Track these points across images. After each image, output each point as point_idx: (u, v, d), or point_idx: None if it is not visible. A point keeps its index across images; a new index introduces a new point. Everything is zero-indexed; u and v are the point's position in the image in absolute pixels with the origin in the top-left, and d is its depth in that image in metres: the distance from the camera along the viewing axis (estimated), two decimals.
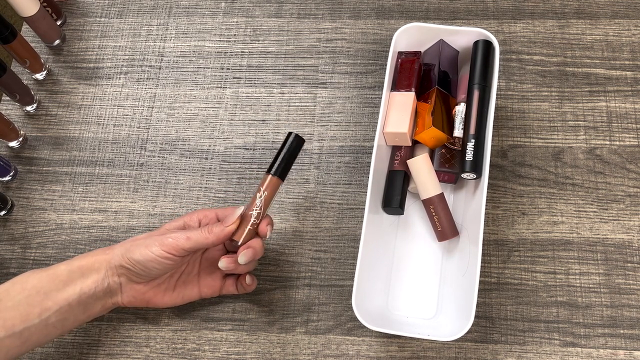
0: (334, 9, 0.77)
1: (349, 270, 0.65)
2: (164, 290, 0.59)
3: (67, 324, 0.55)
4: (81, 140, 0.73)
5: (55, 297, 0.54)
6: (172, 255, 0.55)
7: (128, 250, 0.55)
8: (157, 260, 0.55)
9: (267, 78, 0.74)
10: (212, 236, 0.55)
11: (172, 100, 0.74)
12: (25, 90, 0.73)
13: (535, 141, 0.69)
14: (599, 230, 0.65)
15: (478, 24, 0.74)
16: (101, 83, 0.76)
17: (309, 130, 0.71)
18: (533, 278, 0.64)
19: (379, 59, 0.74)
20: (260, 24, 0.77)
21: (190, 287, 0.61)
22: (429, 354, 0.61)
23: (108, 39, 0.78)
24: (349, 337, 0.63)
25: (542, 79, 0.71)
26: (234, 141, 0.72)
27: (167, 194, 0.70)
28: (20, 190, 0.71)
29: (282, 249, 0.66)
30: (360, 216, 0.67)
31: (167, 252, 0.54)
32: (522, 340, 0.61)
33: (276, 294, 0.65)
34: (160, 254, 0.54)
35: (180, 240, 0.54)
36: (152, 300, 0.59)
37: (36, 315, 0.53)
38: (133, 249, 0.55)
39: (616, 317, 0.62)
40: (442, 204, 0.62)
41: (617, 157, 0.68)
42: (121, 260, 0.56)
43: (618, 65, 0.71)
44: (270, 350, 0.63)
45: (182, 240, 0.54)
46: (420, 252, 0.64)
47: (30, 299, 0.53)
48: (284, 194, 0.69)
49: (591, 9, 0.74)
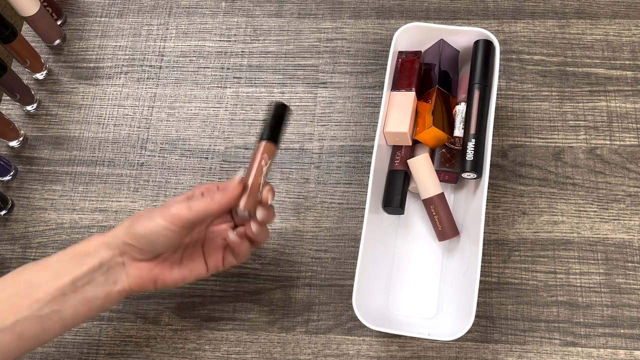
0: (334, 9, 0.77)
1: (349, 270, 0.65)
2: (171, 265, 0.56)
3: (65, 316, 0.53)
4: (81, 140, 0.73)
5: (46, 287, 0.52)
6: (176, 226, 0.53)
7: (131, 226, 0.54)
8: (161, 232, 0.53)
9: (267, 78, 0.74)
10: (214, 203, 0.53)
11: (172, 100, 0.74)
12: (25, 90, 0.73)
13: (536, 141, 0.69)
14: (599, 230, 0.65)
15: (478, 24, 0.74)
16: (101, 83, 0.76)
17: (309, 130, 0.71)
18: (533, 278, 0.64)
19: (379, 59, 0.74)
20: (260, 24, 0.77)
21: (197, 261, 0.58)
22: (429, 354, 0.61)
23: (108, 38, 0.78)
24: (349, 336, 0.63)
25: (542, 79, 0.71)
26: (234, 141, 0.72)
27: (167, 193, 0.70)
28: (20, 189, 0.71)
29: (282, 248, 0.66)
30: (361, 216, 0.67)
31: (170, 223, 0.52)
32: (523, 340, 0.61)
33: (276, 293, 0.65)
34: (163, 225, 0.52)
35: (183, 211, 0.53)
36: (160, 277, 0.56)
37: (25, 306, 0.51)
38: (136, 224, 0.53)
39: (616, 316, 0.62)
40: (442, 203, 0.62)
41: (617, 156, 0.68)
42: (124, 237, 0.54)
43: (618, 65, 0.71)
44: (270, 350, 0.63)
45: (185, 210, 0.53)
46: (421, 251, 0.64)
47: (20, 290, 0.52)
48: (284, 194, 0.69)
49: (591, 8, 0.74)
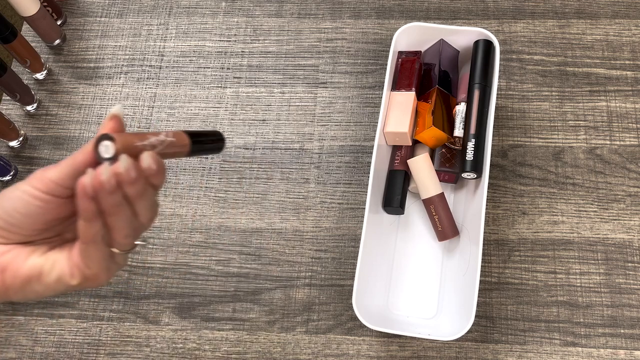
0: (334, 9, 0.77)
1: (349, 270, 0.65)
2: (30, 251, 0.42)
3: None
4: (82, 140, 0.73)
5: None
6: (41, 189, 0.41)
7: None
8: (25, 199, 0.41)
9: (267, 78, 0.74)
10: (80, 152, 0.41)
11: (172, 100, 0.74)
12: (25, 89, 0.73)
13: (536, 141, 0.69)
14: (599, 229, 0.65)
15: (478, 24, 0.74)
16: (101, 83, 0.76)
17: (309, 130, 0.71)
18: (533, 278, 0.64)
19: (379, 59, 0.74)
20: (260, 24, 0.77)
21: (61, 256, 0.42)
22: (429, 354, 0.61)
23: (108, 38, 0.78)
24: (349, 336, 0.63)
25: (542, 79, 0.71)
26: (234, 141, 0.72)
27: (167, 193, 0.70)
28: None
29: (282, 248, 0.66)
30: (361, 216, 0.67)
31: (33, 187, 0.41)
32: (523, 340, 0.61)
33: (276, 293, 0.65)
34: (27, 190, 0.41)
35: (49, 169, 0.41)
36: (11, 266, 0.42)
37: None
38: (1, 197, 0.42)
39: (617, 316, 0.62)
40: (442, 203, 0.62)
41: (617, 156, 0.68)
42: None
43: (618, 65, 0.71)
44: (270, 350, 0.63)
45: (51, 169, 0.41)
46: (421, 251, 0.64)
47: None
48: (284, 194, 0.69)
49: (591, 8, 0.74)
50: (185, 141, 0.44)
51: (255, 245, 0.67)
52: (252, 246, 0.67)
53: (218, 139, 0.49)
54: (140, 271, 0.67)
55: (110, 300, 0.66)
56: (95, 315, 0.65)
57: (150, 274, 0.66)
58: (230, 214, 0.68)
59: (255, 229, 0.67)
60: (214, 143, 0.49)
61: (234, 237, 0.67)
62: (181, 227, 0.68)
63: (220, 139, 0.49)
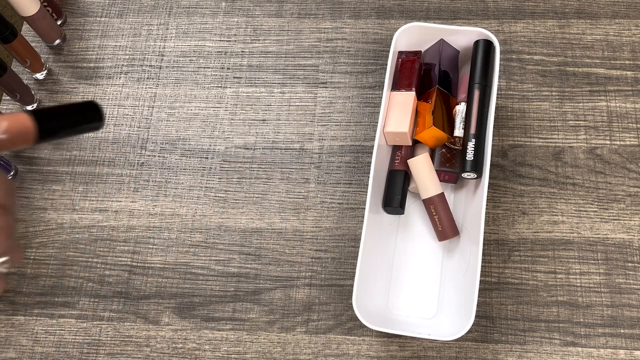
0: (334, 9, 0.77)
1: (349, 270, 0.65)
2: None
3: None
4: (81, 140, 0.73)
5: None
6: None
7: None
8: None
9: (267, 78, 0.74)
10: None
11: (172, 99, 0.74)
12: (25, 89, 0.73)
13: (536, 141, 0.69)
14: (599, 229, 0.65)
15: (478, 24, 0.74)
16: (101, 83, 0.76)
17: (309, 130, 0.71)
18: (533, 278, 0.64)
19: (379, 59, 0.74)
20: (260, 24, 0.77)
21: None
22: (429, 354, 0.61)
23: (108, 38, 0.78)
24: (349, 336, 0.63)
25: (542, 79, 0.71)
26: (234, 141, 0.72)
27: (167, 193, 0.70)
28: (20, 189, 0.71)
29: (282, 248, 0.66)
30: (361, 216, 0.67)
31: None
32: (523, 340, 0.61)
33: (276, 293, 0.65)
34: None
35: None
36: None
37: None
38: None
39: (617, 316, 0.62)
40: (442, 203, 0.62)
41: (617, 156, 0.68)
42: None
43: (618, 65, 0.71)
44: (270, 350, 0.63)
45: None
46: (421, 251, 0.64)
47: None
48: (284, 194, 0.69)
49: (591, 8, 0.74)
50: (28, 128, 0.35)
51: (255, 245, 0.67)
52: (252, 246, 0.67)
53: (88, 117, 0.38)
54: (140, 271, 0.67)
55: (110, 300, 0.66)
56: (95, 315, 0.65)
57: (150, 274, 0.66)
58: (230, 214, 0.68)
59: (255, 229, 0.67)
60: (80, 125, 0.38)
61: (234, 237, 0.67)
62: (181, 227, 0.68)
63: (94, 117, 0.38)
